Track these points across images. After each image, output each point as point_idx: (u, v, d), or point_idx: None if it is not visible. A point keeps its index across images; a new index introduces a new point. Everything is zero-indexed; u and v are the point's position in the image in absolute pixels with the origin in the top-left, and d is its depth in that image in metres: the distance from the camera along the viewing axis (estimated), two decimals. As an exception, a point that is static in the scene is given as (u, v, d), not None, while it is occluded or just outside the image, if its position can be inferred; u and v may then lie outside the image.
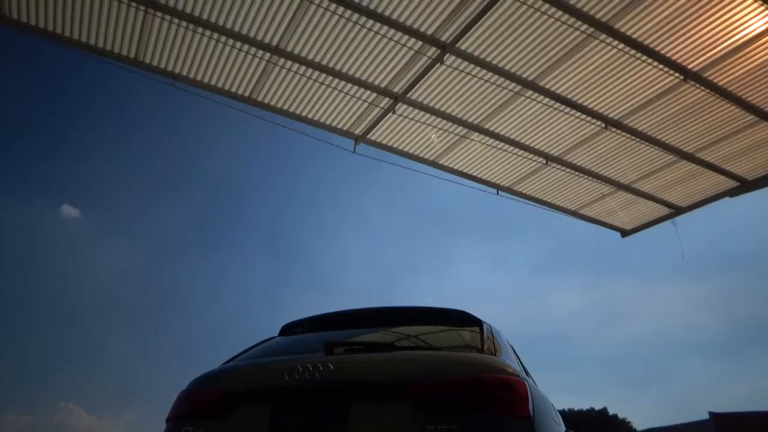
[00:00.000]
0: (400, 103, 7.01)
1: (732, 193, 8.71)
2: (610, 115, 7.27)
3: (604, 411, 71.51)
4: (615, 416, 70.97)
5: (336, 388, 2.26)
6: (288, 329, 3.28)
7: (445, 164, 8.35)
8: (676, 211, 9.34)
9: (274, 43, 6.11)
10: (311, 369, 2.30)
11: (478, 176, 8.64)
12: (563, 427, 3.07)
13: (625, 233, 10.08)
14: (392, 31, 5.95)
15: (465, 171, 8.50)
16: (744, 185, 8.56)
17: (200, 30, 5.89)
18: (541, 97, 6.90)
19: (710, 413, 46.78)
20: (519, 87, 6.76)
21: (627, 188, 8.88)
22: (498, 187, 8.89)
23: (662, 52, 6.18)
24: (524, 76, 6.60)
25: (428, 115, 7.26)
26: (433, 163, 8.30)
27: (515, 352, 3.11)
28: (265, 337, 3.21)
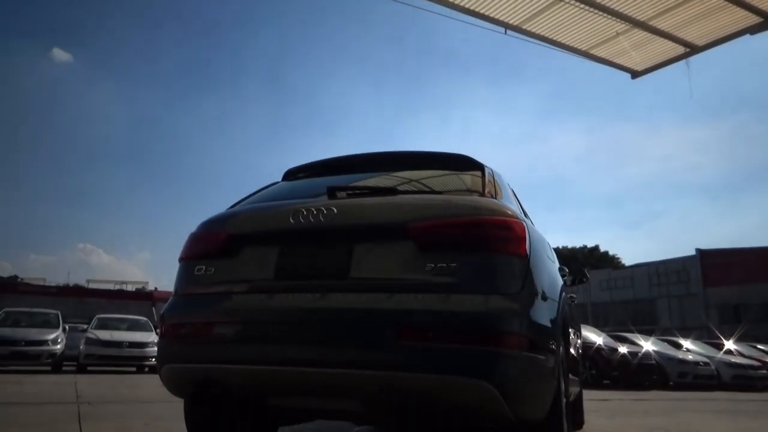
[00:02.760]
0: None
1: (753, 30, 8.25)
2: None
3: (596, 248, 75.36)
4: (606, 253, 74.93)
5: (340, 230, 2.33)
6: (291, 174, 3.31)
7: (452, 0, 7.82)
8: (692, 50, 8.93)
9: None
10: (315, 212, 2.36)
11: (486, 14, 8.13)
12: (557, 264, 3.23)
13: (635, 74, 9.76)
14: None
15: (473, 8, 7.98)
16: (767, 21, 8.08)
17: None
18: None
19: (697, 249, 49.21)
20: None
21: (642, 25, 8.39)
22: (506, 26, 8.41)
23: None
24: None
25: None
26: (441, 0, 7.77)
27: (515, 195, 3.17)
28: (270, 182, 3.26)
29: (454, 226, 2.21)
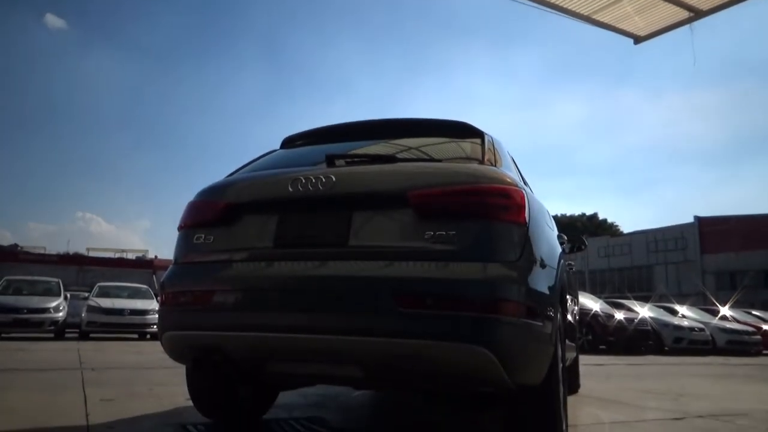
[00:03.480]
0: None
1: (758, -7, 8.08)
2: None
3: (594, 216, 75.54)
4: (604, 220, 75.15)
5: (338, 198, 2.33)
6: (289, 142, 3.29)
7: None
8: (696, 14, 8.77)
9: None
10: (314, 180, 2.35)
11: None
12: (556, 232, 3.24)
13: (638, 40, 9.60)
14: None
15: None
16: (773, -16, 7.91)
17: None
18: None
19: (695, 217, 49.36)
20: None
21: (646, -11, 8.23)
22: (508, -11, 8.25)
23: None
24: None
25: None
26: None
27: (515, 163, 3.15)
28: (268, 150, 3.24)
29: (454, 194, 2.20)
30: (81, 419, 3.12)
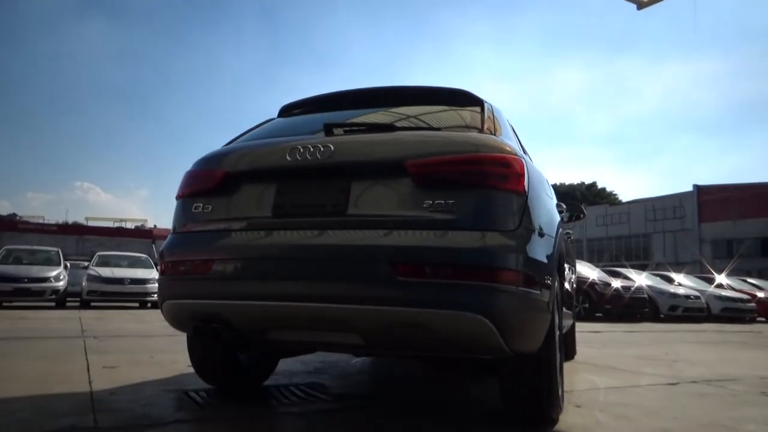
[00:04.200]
0: None
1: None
2: None
3: (593, 185, 75.53)
4: (603, 189, 75.16)
5: (337, 168, 2.31)
6: (287, 110, 3.26)
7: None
8: (700, -21, 8.60)
9: None
10: (312, 149, 2.33)
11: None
12: (555, 200, 3.24)
13: (641, 5, 9.45)
14: None
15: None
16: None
17: None
18: None
19: (694, 185, 49.39)
20: None
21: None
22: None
23: None
24: None
25: None
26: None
27: (514, 131, 3.13)
28: (265, 118, 3.21)
29: (453, 163, 2.19)
30: (84, 386, 3.17)
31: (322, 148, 2.32)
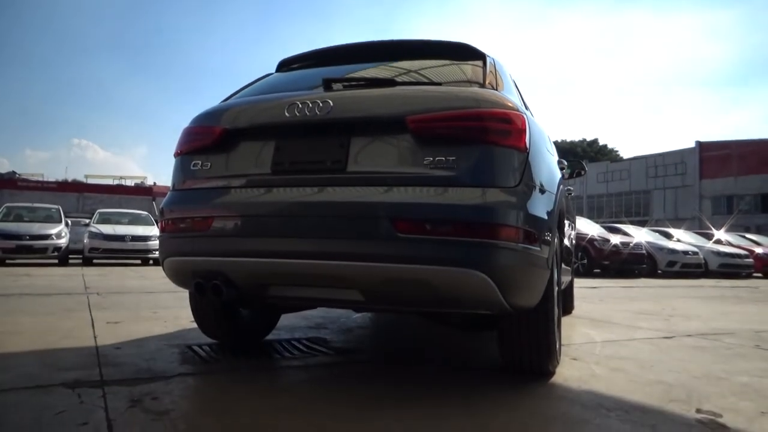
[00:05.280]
0: None
1: None
2: None
3: (594, 141, 75.02)
4: (604, 146, 74.69)
5: (336, 124, 2.29)
6: (285, 65, 3.20)
7: None
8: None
9: None
10: (311, 105, 2.30)
11: None
12: (556, 157, 3.22)
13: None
14: None
15: None
16: None
17: None
18: None
19: (697, 142, 49.06)
20: None
21: None
22: None
23: None
24: None
25: None
26: None
27: (516, 86, 3.08)
28: (264, 73, 3.15)
29: (454, 119, 2.16)
30: (89, 341, 3.22)
31: (321, 104, 2.29)
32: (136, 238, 13.35)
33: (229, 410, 2.03)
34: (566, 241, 3.76)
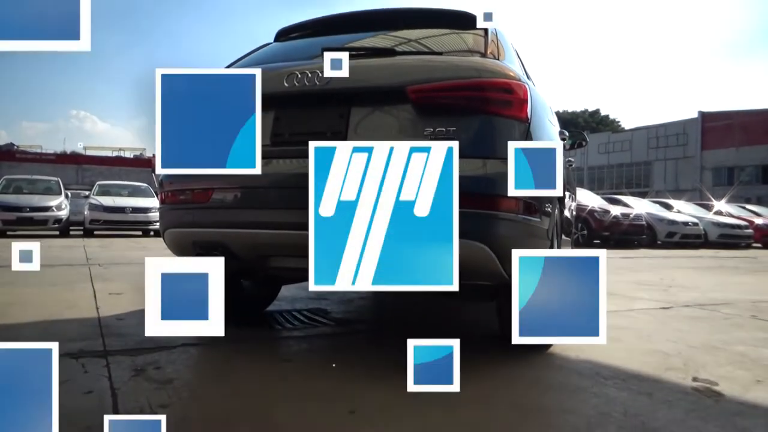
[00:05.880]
0: None
1: None
2: None
3: (596, 112, 74.49)
4: (606, 117, 74.19)
5: (336, 94, 2.26)
6: (284, 34, 3.15)
7: None
8: None
9: None
10: (310, 75, 2.27)
11: None
12: (557, 128, 3.19)
13: None
14: None
15: None
16: None
17: None
18: None
19: (699, 112, 48.69)
20: None
21: None
22: None
23: None
24: None
25: None
26: None
27: (518, 56, 3.04)
28: (261, 43, 3.10)
29: (454, 89, 2.14)
30: (92, 311, 3.25)
31: (320, 74, 2.26)
32: (136, 210, 13.37)
33: (230, 379, 2.06)
34: (566, 213, 3.76)
